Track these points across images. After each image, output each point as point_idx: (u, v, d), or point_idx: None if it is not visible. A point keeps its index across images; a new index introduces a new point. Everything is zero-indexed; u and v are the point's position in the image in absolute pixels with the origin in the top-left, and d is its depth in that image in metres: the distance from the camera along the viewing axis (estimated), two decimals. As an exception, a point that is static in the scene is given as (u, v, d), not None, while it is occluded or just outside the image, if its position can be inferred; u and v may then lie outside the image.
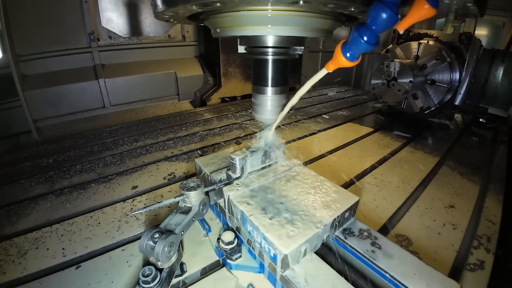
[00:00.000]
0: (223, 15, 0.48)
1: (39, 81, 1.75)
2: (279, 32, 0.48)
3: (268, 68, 0.56)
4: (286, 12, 0.43)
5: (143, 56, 2.18)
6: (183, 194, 0.56)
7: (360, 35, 0.37)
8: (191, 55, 2.44)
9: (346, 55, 0.41)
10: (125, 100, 2.08)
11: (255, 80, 0.59)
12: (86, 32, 1.90)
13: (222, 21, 0.49)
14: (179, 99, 2.31)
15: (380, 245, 0.52)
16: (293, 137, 1.34)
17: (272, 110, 0.60)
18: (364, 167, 1.06)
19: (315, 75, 0.49)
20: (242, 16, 0.45)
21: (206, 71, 2.37)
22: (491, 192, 0.93)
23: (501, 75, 1.65)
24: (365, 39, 0.37)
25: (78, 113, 1.91)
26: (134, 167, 1.05)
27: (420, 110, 1.53)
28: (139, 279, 0.46)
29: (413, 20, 0.34)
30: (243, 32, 0.48)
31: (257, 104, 0.61)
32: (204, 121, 1.60)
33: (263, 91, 0.58)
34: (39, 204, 0.82)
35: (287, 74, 0.59)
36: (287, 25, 0.46)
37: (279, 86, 0.58)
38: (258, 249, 0.54)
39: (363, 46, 0.37)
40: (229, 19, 0.47)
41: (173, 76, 2.25)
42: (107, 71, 2.00)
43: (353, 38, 0.38)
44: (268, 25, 0.46)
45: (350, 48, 0.40)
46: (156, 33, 2.23)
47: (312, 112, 1.81)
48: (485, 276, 0.60)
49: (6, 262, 0.61)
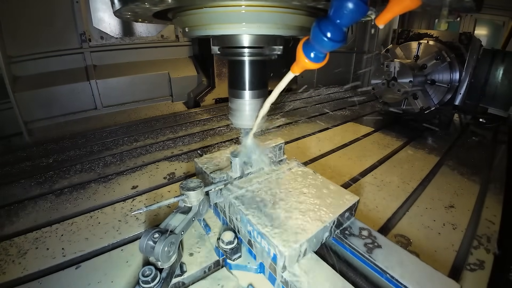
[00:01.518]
0: (189, 13, 0.43)
1: (30, 82, 1.73)
2: (252, 31, 0.43)
3: (245, 70, 0.51)
4: (259, 8, 0.39)
5: (136, 57, 2.15)
6: (183, 194, 0.56)
7: (321, 31, 0.29)
8: (184, 56, 2.41)
9: (309, 56, 0.34)
10: (118, 101, 2.05)
11: (231, 83, 0.54)
12: (77, 33, 1.87)
13: (189, 19, 0.44)
14: (172, 100, 2.28)
15: (380, 245, 0.52)
16: (293, 137, 1.34)
17: (251, 115, 0.55)
18: (364, 167, 1.06)
19: (283, 79, 0.44)
20: (208, 13, 0.41)
21: (200, 71, 2.34)
22: (491, 192, 0.93)
23: (501, 75, 1.65)
24: (328, 36, 0.29)
25: (70, 114, 1.88)
26: (134, 167, 1.05)
27: (420, 110, 1.53)
28: (139, 279, 0.46)
29: (394, 13, 0.28)
30: (212, 31, 0.44)
31: (234, 109, 0.56)
32: (204, 121, 1.60)
33: (240, 95, 0.54)
34: (39, 204, 0.82)
35: (266, 76, 0.54)
36: (260, 23, 0.41)
37: (257, 90, 0.53)
38: (258, 249, 0.54)
39: (327, 44, 0.30)
40: (196, 17, 0.43)
41: (166, 76, 2.22)
42: (99, 72, 1.97)
43: (314, 35, 0.31)
44: (240, 22, 0.41)
45: (314, 47, 0.33)
46: (149, 33, 2.19)
47: (312, 112, 1.81)
48: (485, 276, 0.60)
49: (6, 262, 0.61)
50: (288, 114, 1.75)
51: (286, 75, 0.44)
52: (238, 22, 0.41)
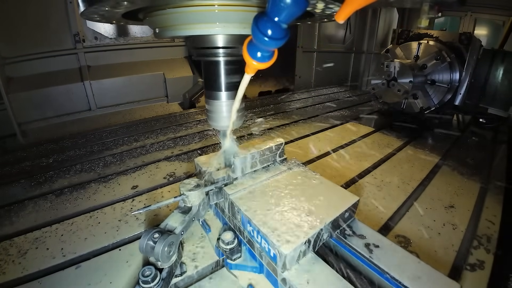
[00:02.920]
0: (159, 13, 0.41)
1: (24, 83, 1.71)
2: (225, 31, 0.41)
3: (220, 71, 0.49)
4: (232, 7, 0.37)
5: (130, 57, 2.12)
6: (183, 194, 0.56)
7: (260, 30, 0.27)
8: (180, 56, 2.39)
9: (255, 57, 0.32)
10: (112, 102, 2.03)
11: (207, 84, 0.53)
12: (71, 33, 1.86)
13: (158, 19, 0.43)
14: (167, 101, 2.26)
15: (380, 245, 0.52)
16: (293, 137, 1.34)
17: (229, 116, 0.53)
18: (364, 167, 1.06)
19: (241, 82, 0.44)
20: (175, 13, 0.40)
21: (195, 72, 2.32)
22: (491, 192, 0.93)
23: (501, 75, 1.65)
24: (269, 34, 0.27)
25: (64, 115, 1.87)
26: (134, 167, 1.05)
27: (420, 110, 1.53)
28: (139, 279, 0.46)
29: (353, 7, 0.25)
30: (183, 31, 0.42)
31: (211, 111, 0.54)
32: (204, 121, 1.60)
33: (217, 96, 0.52)
34: (39, 204, 0.82)
35: (243, 75, 0.56)
36: (232, 22, 0.39)
37: (234, 90, 0.51)
38: (258, 249, 0.54)
39: (269, 43, 0.28)
40: (165, 18, 0.41)
41: (161, 77, 2.20)
42: (93, 72, 1.95)
43: (254, 34, 0.29)
44: (214, 22, 0.40)
45: (258, 47, 0.31)
46: (143, 33, 2.18)
47: (311, 112, 1.82)
48: (485, 276, 0.60)
49: (6, 262, 0.61)
50: (288, 114, 1.75)
51: (242, 78, 0.42)
52: (211, 22, 0.40)
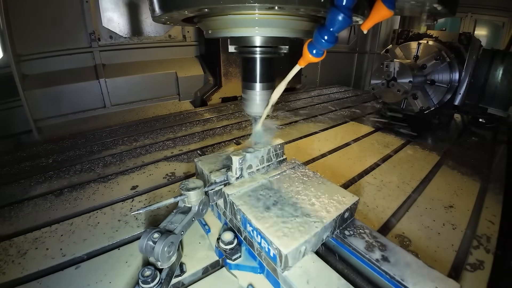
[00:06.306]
0: (213, 19, 0.53)
1: (40, 81, 1.75)
2: (263, 33, 0.53)
3: (256, 66, 0.61)
4: (268, 15, 0.49)
5: (144, 56, 2.18)
6: (182, 194, 0.56)
7: (321, 36, 0.43)
8: (191, 55, 2.45)
9: (312, 52, 0.48)
10: (126, 100, 2.09)
11: (245, 77, 0.64)
12: (87, 32, 1.91)
13: (212, 23, 0.54)
14: (179, 99, 2.32)
15: (380, 245, 0.52)
16: (293, 137, 1.34)
17: (261, 104, 0.64)
18: (364, 167, 1.06)
19: (291, 71, 0.55)
20: (229, 19, 0.51)
21: (206, 71, 2.38)
22: (491, 192, 0.93)
23: (500, 75, 1.64)
24: (325, 39, 0.43)
25: (79, 112, 1.92)
26: (134, 167, 1.05)
27: (419, 110, 1.53)
28: (139, 279, 0.46)
29: (375, 21, 0.41)
30: (231, 33, 0.54)
31: (246, 99, 0.65)
32: (204, 121, 1.60)
33: (252, 86, 0.63)
34: (39, 204, 0.82)
35: (273, 71, 0.65)
36: (270, 27, 0.52)
37: (266, 82, 0.63)
38: (258, 249, 0.54)
39: (324, 44, 0.44)
40: (219, 22, 0.53)
41: (173, 76, 2.26)
42: (108, 71, 2.01)
43: (315, 38, 0.45)
44: (254, 27, 0.52)
45: (315, 46, 0.47)
46: (156, 33, 2.23)
47: (312, 112, 1.81)
48: (484, 276, 0.60)
49: (5, 262, 0.61)
50: (288, 114, 1.75)
51: (294, 67, 0.54)
52: (257, 26, 0.52)
